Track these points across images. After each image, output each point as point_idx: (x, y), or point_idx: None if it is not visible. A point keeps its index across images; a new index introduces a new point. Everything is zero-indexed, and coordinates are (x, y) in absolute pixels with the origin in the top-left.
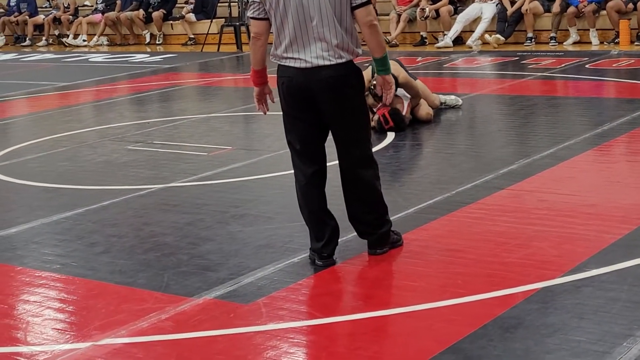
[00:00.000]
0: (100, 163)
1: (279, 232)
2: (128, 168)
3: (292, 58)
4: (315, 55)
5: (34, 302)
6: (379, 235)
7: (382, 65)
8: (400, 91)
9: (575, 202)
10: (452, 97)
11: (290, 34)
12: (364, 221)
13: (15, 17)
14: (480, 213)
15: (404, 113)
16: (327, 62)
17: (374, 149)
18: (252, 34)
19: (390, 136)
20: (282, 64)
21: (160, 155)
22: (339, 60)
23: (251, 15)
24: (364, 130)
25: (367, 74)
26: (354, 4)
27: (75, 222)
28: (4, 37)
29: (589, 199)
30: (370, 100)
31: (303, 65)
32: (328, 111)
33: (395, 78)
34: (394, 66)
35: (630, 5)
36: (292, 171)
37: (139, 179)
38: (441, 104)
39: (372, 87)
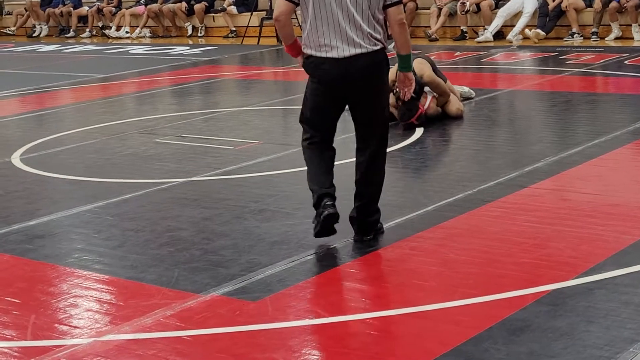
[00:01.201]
0: (127, 156)
1: (295, 228)
2: (153, 161)
3: (330, 46)
4: (353, 44)
5: (41, 296)
6: (371, 222)
7: (405, 63)
8: (426, 87)
9: (598, 202)
10: (466, 89)
11: (326, 21)
12: (362, 202)
13: (59, 9)
14: (499, 212)
15: (425, 107)
16: (363, 50)
17: (400, 145)
18: (275, 16)
19: (419, 132)
20: (317, 54)
21: (187, 149)
22: (374, 48)
23: None
24: (387, 113)
25: (392, 72)
26: (388, 2)
27: (95, 215)
28: (47, 27)
29: (612, 198)
30: (392, 100)
31: (341, 54)
32: (361, 95)
33: (419, 77)
34: (420, 65)
35: None
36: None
37: (163, 173)
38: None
39: (396, 88)
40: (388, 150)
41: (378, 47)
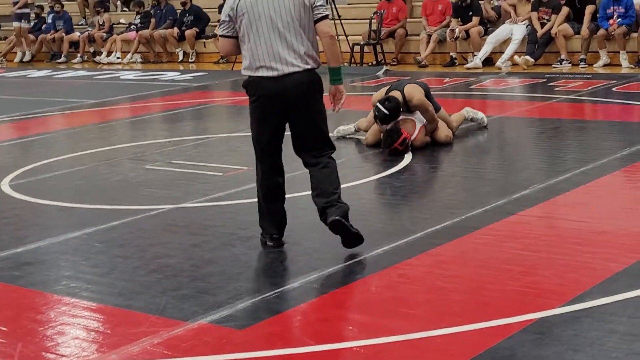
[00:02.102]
0: (116, 182)
1: (282, 255)
2: (142, 187)
3: (266, 67)
4: (286, 63)
5: (29, 323)
6: (344, 210)
7: (336, 75)
8: (418, 115)
9: (585, 229)
10: (480, 115)
11: (262, 46)
12: (330, 198)
13: (51, 34)
14: (487, 239)
15: (413, 137)
16: (297, 69)
17: (388, 172)
18: (224, 54)
19: (407, 159)
20: (255, 75)
21: (176, 175)
22: (306, 67)
23: (222, 34)
24: (325, 126)
25: (377, 95)
26: (316, 18)
27: (83, 241)
28: (30, 53)
29: (600, 226)
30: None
31: (276, 73)
32: (297, 111)
33: (408, 100)
34: (412, 89)
35: None
36: (303, 193)
37: (152, 199)
38: (466, 119)
39: (376, 111)
40: (377, 176)
41: (310, 66)
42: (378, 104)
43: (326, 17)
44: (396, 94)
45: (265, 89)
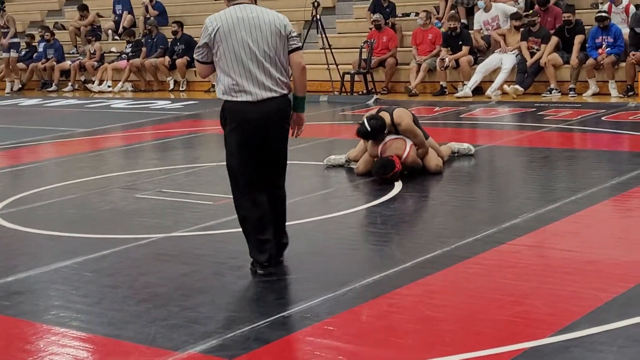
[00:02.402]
0: (106, 211)
1: (272, 285)
2: (133, 216)
3: (245, 91)
4: (265, 88)
5: (18, 353)
6: (283, 244)
7: (301, 104)
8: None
9: (575, 259)
10: (465, 145)
11: (241, 72)
12: (281, 232)
13: (42, 63)
14: (477, 268)
15: (406, 154)
16: (274, 94)
17: (379, 200)
18: (201, 76)
19: (397, 187)
20: (234, 99)
21: (166, 204)
22: (283, 92)
23: (198, 59)
24: (286, 155)
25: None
26: (290, 48)
27: (73, 271)
28: (19, 83)
29: (589, 255)
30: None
31: (255, 98)
32: (271, 137)
33: (397, 124)
34: (400, 113)
35: None
36: (292, 223)
37: (142, 228)
38: (453, 153)
39: (360, 124)
40: (367, 205)
41: (285, 91)
42: (364, 118)
43: (299, 48)
44: (385, 115)
45: (246, 113)
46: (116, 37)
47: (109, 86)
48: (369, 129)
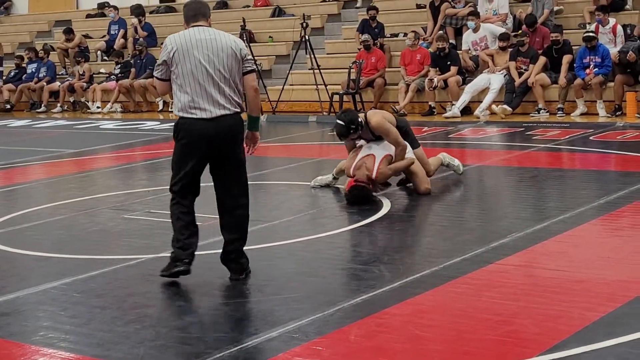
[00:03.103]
0: (95, 232)
1: (261, 305)
2: (122, 237)
3: (200, 109)
4: (219, 105)
5: None
6: (242, 263)
7: (255, 123)
8: (377, 149)
9: (563, 278)
10: (457, 162)
11: (197, 90)
12: (235, 247)
13: (35, 83)
14: (465, 288)
15: (375, 173)
16: (227, 112)
17: (368, 220)
18: (160, 93)
19: (386, 207)
20: (189, 116)
21: (155, 225)
22: (236, 110)
23: (157, 76)
24: (244, 172)
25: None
26: (245, 70)
27: (62, 292)
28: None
29: (577, 274)
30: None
31: (210, 115)
32: (225, 153)
33: (368, 121)
34: (373, 112)
35: None
36: (281, 243)
37: (131, 249)
38: (443, 165)
39: (334, 126)
40: (355, 225)
41: (238, 110)
42: (337, 119)
43: (253, 71)
44: (360, 115)
45: (199, 129)
46: (105, 58)
47: (97, 107)
48: (342, 123)
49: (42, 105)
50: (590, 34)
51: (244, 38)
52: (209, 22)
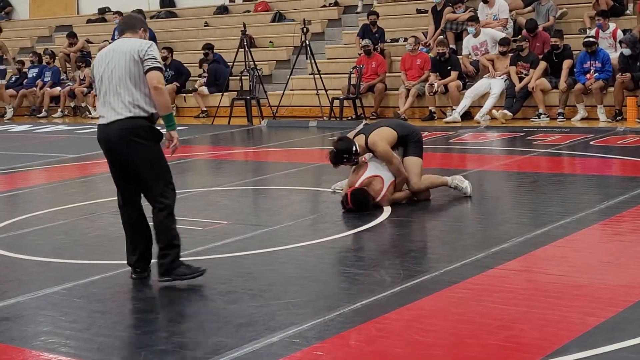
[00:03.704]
0: (95, 237)
1: (262, 310)
2: (122, 242)
3: (102, 116)
4: (114, 111)
5: None
6: (164, 264)
7: (168, 122)
8: (384, 171)
9: (564, 283)
10: (466, 184)
11: (102, 99)
12: (148, 253)
13: (40, 88)
14: (466, 293)
15: (380, 198)
16: (120, 117)
17: (367, 225)
18: None
19: (386, 212)
20: (98, 122)
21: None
22: (128, 114)
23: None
24: (155, 174)
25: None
26: (145, 70)
27: (62, 297)
28: (12, 108)
29: (577, 279)
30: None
31: (106, 121)
32: (124, 156)
33: (372, 150)
34: (376, 137)
35: None
36: (282, 247)
37: None
38: (449, 187)
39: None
40: (356, 230)
41: (133, 114)
42: (332, 145)
43: (153, 69)
44: (359, 138)
45: (99, 135)
46: None
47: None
48: (334, 149)
49: (43, 110)
50: (591, 39)
51: (245, 43)
52: (140, 34)
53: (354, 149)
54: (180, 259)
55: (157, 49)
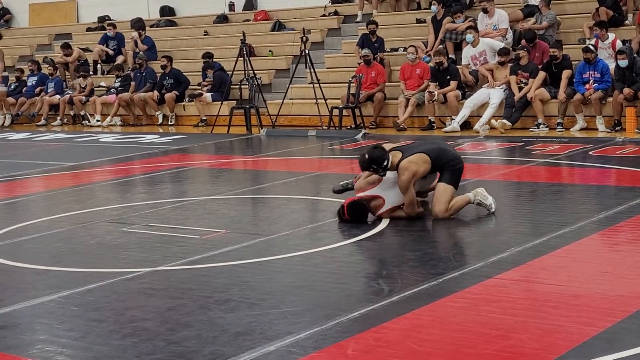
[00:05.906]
0: (93, 245)
1: (259, 319)
2: (119, 250)
3: None
4: None
5: None
6: None
7: None
8: (390, 194)
9: (562, 293)
10: (490, 200)
11: None
12: None
13: (50, 96)
14: (464, 302)
15: (379, 212)
16: None
17: (366, 235)
18: None
19: (385, 221)
20: None
21: (153, 238)
22: None
23: None
24: None
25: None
26: None
27: (59, 305)
28: (10, 116)
29: (576, 289)
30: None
31: None
32: None
33: (399, 174)
34: (408, 165)
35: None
36: (280, 257)
37: (129, 262)
38: (471, 202)
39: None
40: (354, 240)
41: None
42: (367, 150)
43: None
44: (395, 155)
45: None
46: (103, 68)
47: (97, 120)
48: (366, 156)
49: (42, 118)
50: (589, 46)
51: (244, 52)
52: None
53: (385, 163)
54: (178, 268)
55: None
